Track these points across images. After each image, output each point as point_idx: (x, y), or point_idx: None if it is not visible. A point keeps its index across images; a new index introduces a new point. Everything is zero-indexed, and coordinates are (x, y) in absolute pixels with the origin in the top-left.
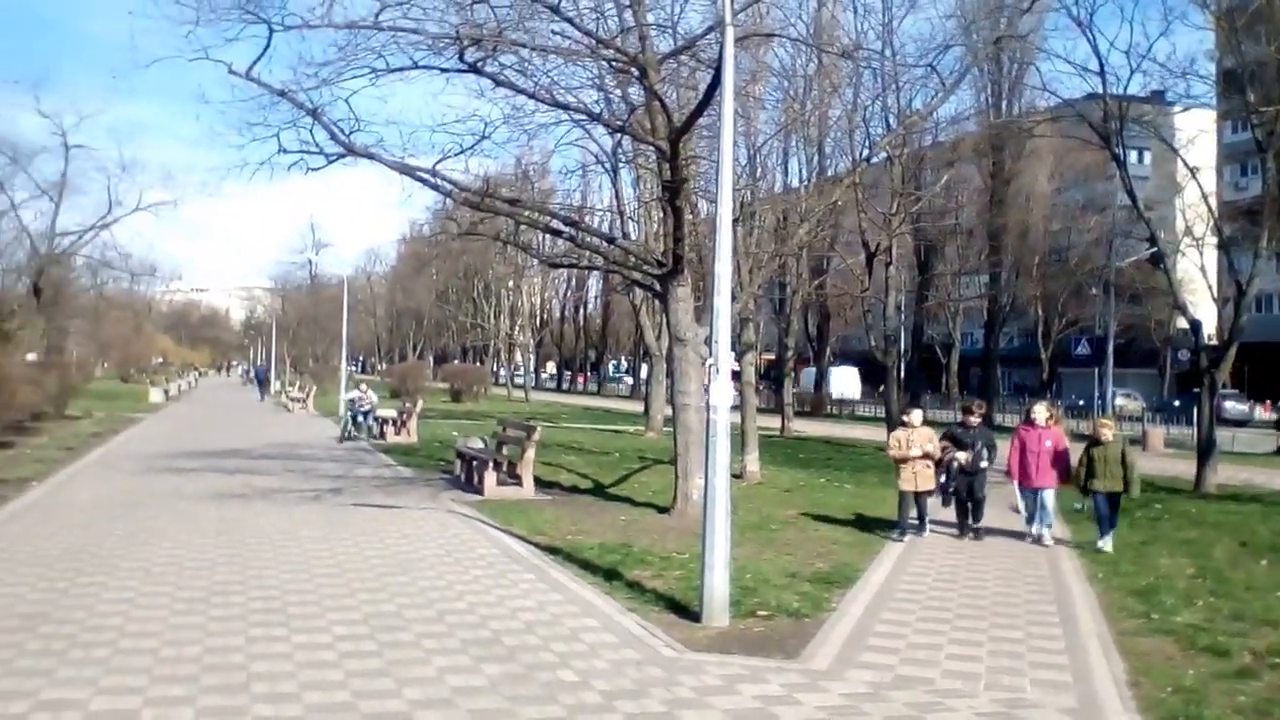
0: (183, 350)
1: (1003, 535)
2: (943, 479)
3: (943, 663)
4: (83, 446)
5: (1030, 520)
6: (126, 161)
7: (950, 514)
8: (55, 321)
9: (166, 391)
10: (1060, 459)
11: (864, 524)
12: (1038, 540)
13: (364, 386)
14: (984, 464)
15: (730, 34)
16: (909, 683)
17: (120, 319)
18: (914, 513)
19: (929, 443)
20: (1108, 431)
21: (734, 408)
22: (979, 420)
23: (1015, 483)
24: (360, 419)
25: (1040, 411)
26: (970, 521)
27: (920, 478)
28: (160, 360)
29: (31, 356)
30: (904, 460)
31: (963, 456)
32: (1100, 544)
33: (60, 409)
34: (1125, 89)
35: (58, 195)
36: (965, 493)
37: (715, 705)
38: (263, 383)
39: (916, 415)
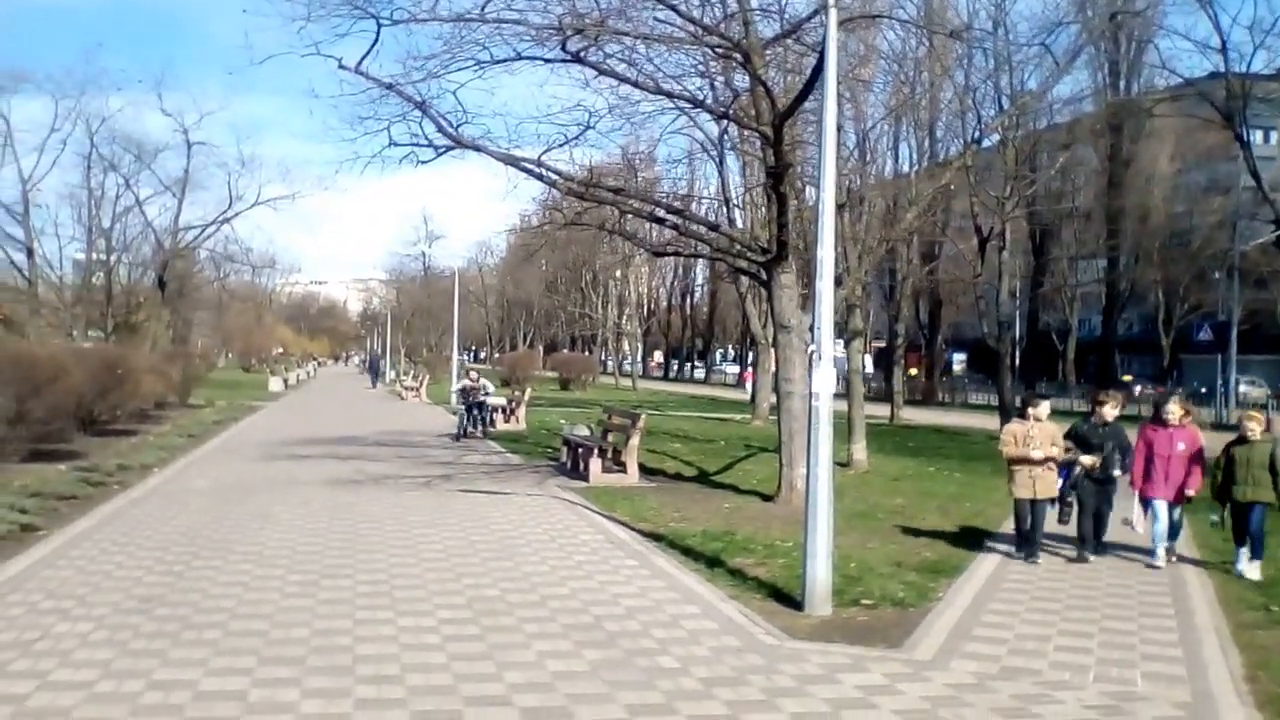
0: (302, 340)
1: (1118, 555)
2: (1060, 486)
3: (1051, 654)
4: (204, 434)
5: (1156, 539)
6: (245, 157)
7: (1062, 528)
8: (180, 313)
9: (286, 381)
10: (1195, 464)
11: (975, 515)
12: (1166, 560)
13: (475, 374)
14: (1117, 471)
15: (834, 17)
16: (1015, 674)
17: (242, 310)
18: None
19: (1052, 442)
20: (1256, 426)
21: (841, 395)
22: (1114, 414)
23: (1136, 493)
24: (475, 412)
25: (1173, 409)
26: (1091, 541)
27: (1040, 483)
28: (280, 350)
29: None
30: (1022, 461)
31: (1087, 460)
32: (1240, 566)
33: (184, 398)
34: (1249, 66)
35: (180, 191)
36: (1093, 507)
37: (815, 694)
38: (375, 372)
39: (1044, 407)
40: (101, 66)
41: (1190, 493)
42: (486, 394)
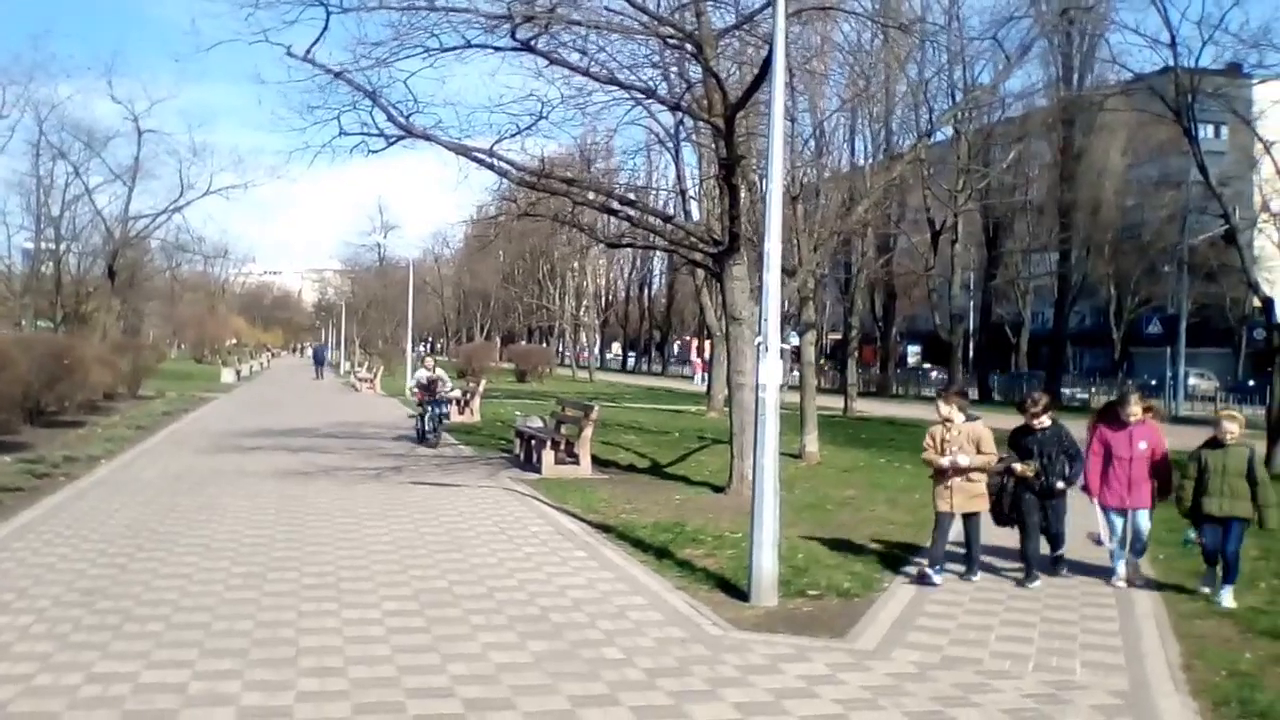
0: (256, 331)
1: (1079, 574)
2: (1005, 503)
3: (992, 644)
4: (153, 425)
5: (1115, 556)
6: (197, 145)
7: (1001, 534)
8: (131, 304)
9: (239, 372)
10: (1160, 467)
11: (923, 506)
12: (1127, 579)
13: (430, 362)
14: (1060, 484)
15: (782, 7)
16: (956, 663)
17: (194, 301)
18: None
19: (977, 446)
20: (1234, 428)
21: (793, 387)
22: (1047, 418)
23: (1095, 502)
24: (434, 410)
25: (1135, 409)
26: (1039, 564)
27: (959, 495)
28: (234, 341)
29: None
30: (941, 471)
31: (1018, 467)
32: (1219, 595)
33: (134, 389)
34: (1197, 61)
35: (131, 179)
36: (1037, 525)
37: (758, 684)
38: (321, 362)
39: (949, 407)
40: (50, 52)
41: (1156, 498)
42: (445, 387)
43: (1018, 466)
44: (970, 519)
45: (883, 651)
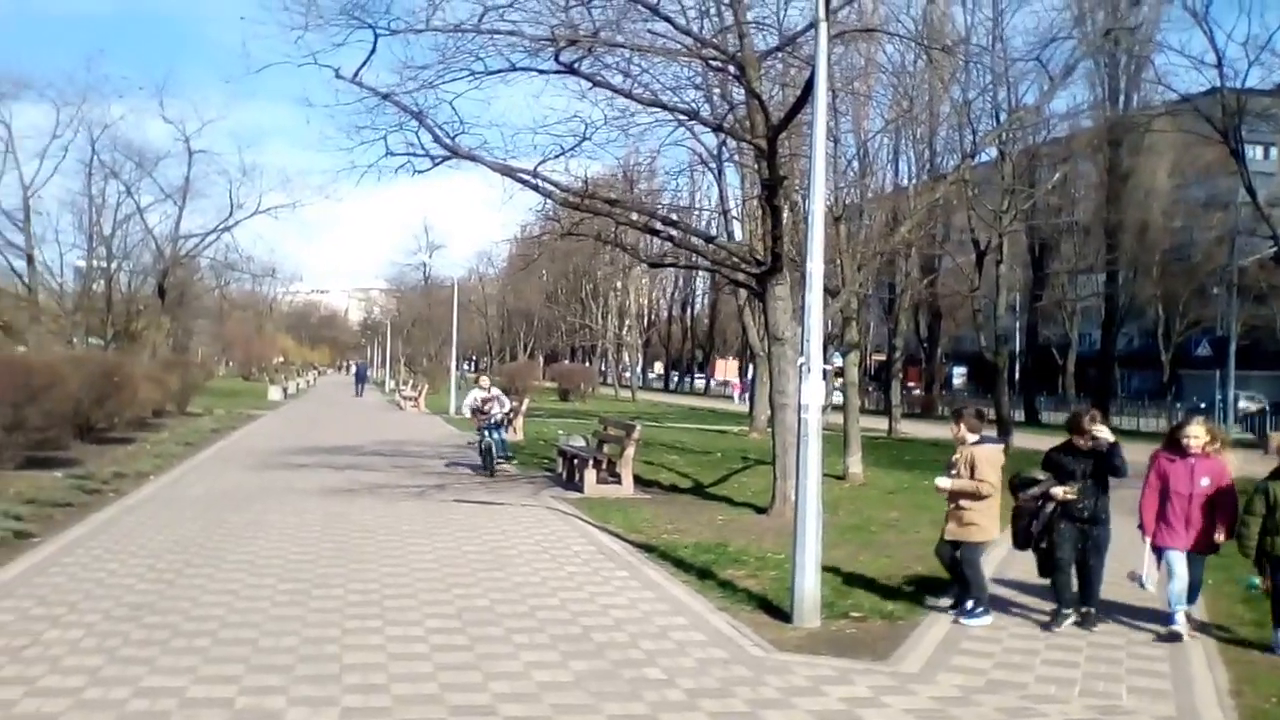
0: (302, 349)
1: (1120, 621)
2: (1035, 527)
3: (1037, 668)
4: (201, 442)
5: (1174, 601)
6: (246, 165)
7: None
8: (180, 321)
9: (285, 390)
10: (1225, 505)
11: None
12: (1170, 635)
13: (486, 381)
14: (1086, 506)
15: (824, 31)
16: (1001, 687)
17: (242, 319)
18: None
19: (969, 469)
20: None
21: (837, 408)
22: (1095, 437)
23: (1148, 540)
24: (493, 435)
25: (1196, 431)
26: (1079, 602)
27: (951, 521)
28: (281, 359)
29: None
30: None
31: (1059, 491)
32: None
33: (182, 406)
34: (1244, 82)
35: (181, 199)
36: (1071, 557)
37: (799, 706)
38: (362, 379)
39: (959, 428)
40: (103, 73)
41: (1219, 539)
42: (502, 408)
43: (1057, 490)
44: (962, 548)
45: (926, 675)
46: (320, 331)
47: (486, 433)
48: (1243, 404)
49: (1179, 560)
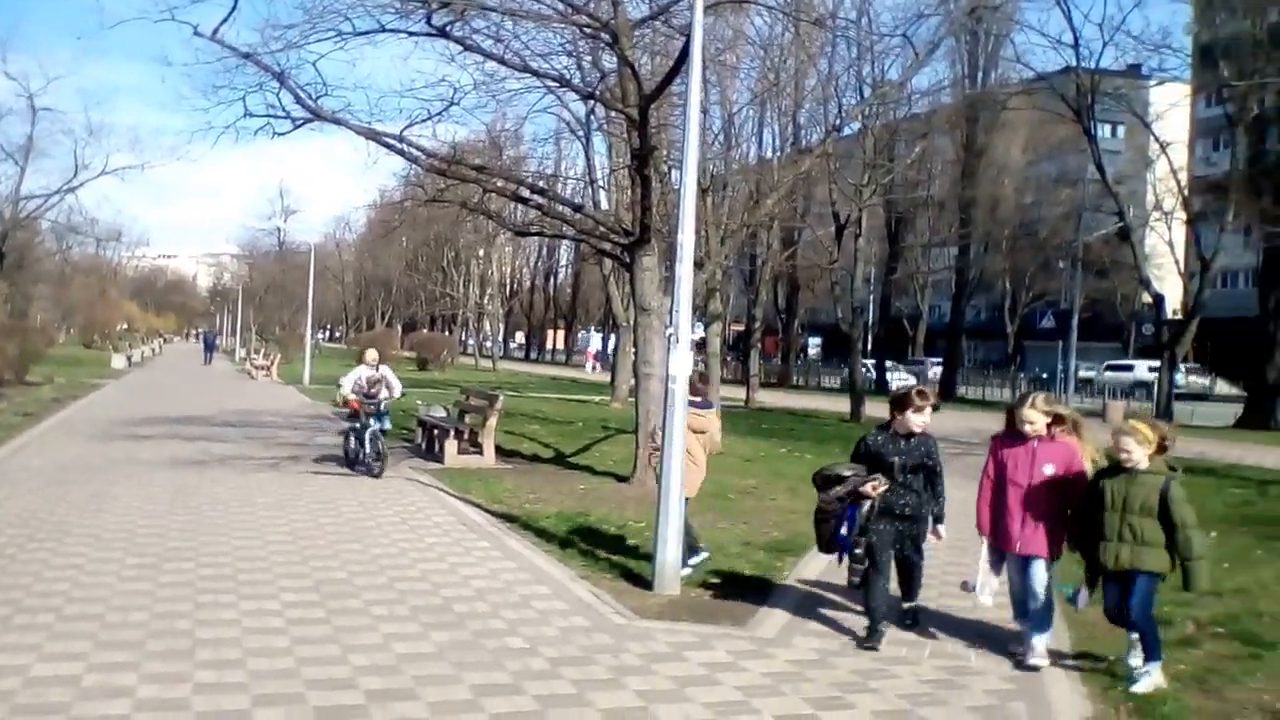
0: (148, 316)
1: (950, 636)
2: (843, 530)
3: (891, 632)
4: (42, 412)
5: (1021, 613)
6: (94, 125)
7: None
8: (19, 286)
9: (130, 358)
10: (1074, 497)
11: None
12: (1020, 660)
13: (374, 355)
14: (908, 503)
15: (700, 0)
16: (856, 650)
17: (85, 284)
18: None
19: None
20: (1136, 448)
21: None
22: (924, 421)
23: (985, 541)
24: (375, 424)
25: (1031, 415)
26: (902, 600)
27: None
28: (125, 326)
29: None
30: None
31: (870, 488)
32: (1135, 677)
33: (20, 375)
34: (1098, 63)
35: (23, 159)
36: (887, 558)
37: (661, 672)
38: (210, 347)
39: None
40: None
41: (1060, 549)
42: (393, 393)
43: (868, 487)
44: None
45: (784, 639)
46: (167, 298)
47: (371, 421)
48: (1084, 373)
49: (1020, 568)
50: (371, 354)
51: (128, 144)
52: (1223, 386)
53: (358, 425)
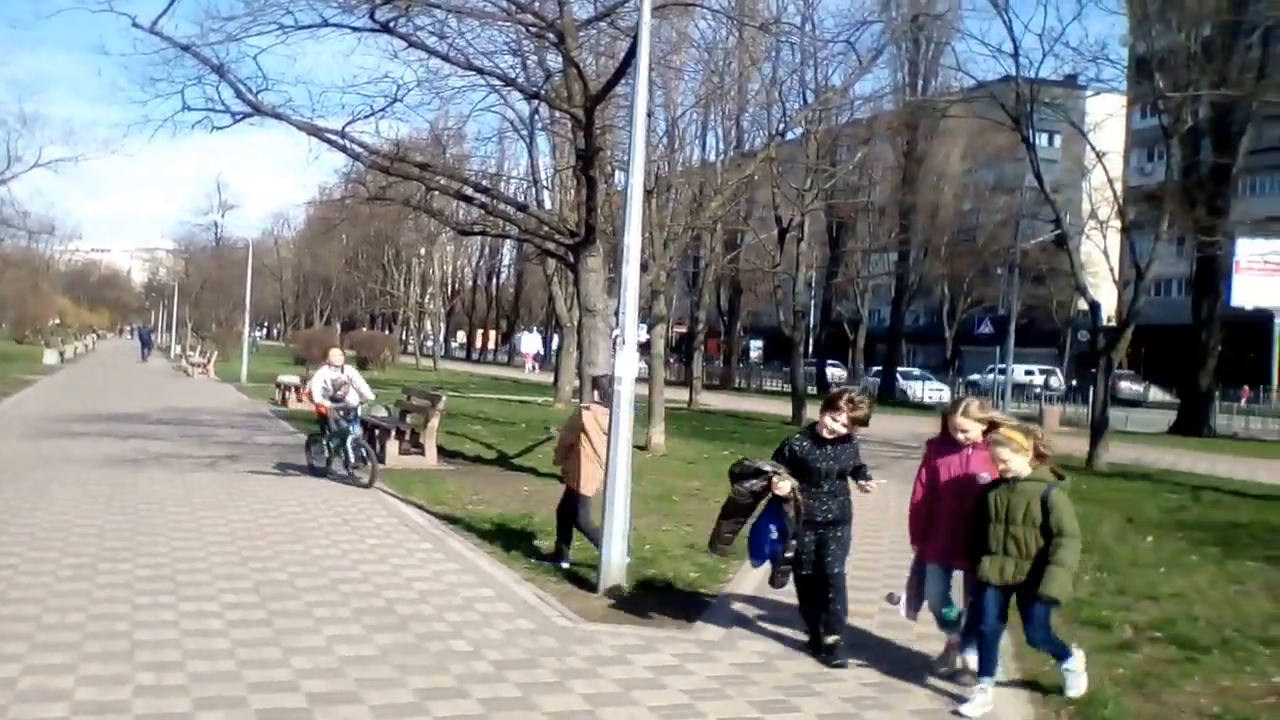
0: (81, 311)
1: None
2: (773, 534)
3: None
4: None
5: (948, 624)
6: (27, 116)
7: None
8: None
9: (62, 353)
10: None
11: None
12: (952, 673)
13: (338, 355)
14: (830, 509)
15: (648, 2)
16: (800, 654)
17: (16, 278)
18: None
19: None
20: (1011, 456)
21: (641, 379)
22: (846, 427)
23: (914, 554)
24: (353, 430)
25: (970, 414)
26: (823, 631)
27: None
28: (57, 321)
29: None
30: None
31: (784, 487)
32: (1065, 680)
33: None
34: (1038, 72)
35: None
36: (812, 567)
37: (606, 675)
38: (146, 344)
39: (599, 382)
40: None
41: None
42: (365, 396)
43: (784, 485)
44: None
45: (728, 642)
46: (101, 293)
47: (350, 427)
48: (1023, 377)
49: (943, 578)
50: (335, 354)
51: (61, 136)
52: (1157, 393)
53: (327, 432)
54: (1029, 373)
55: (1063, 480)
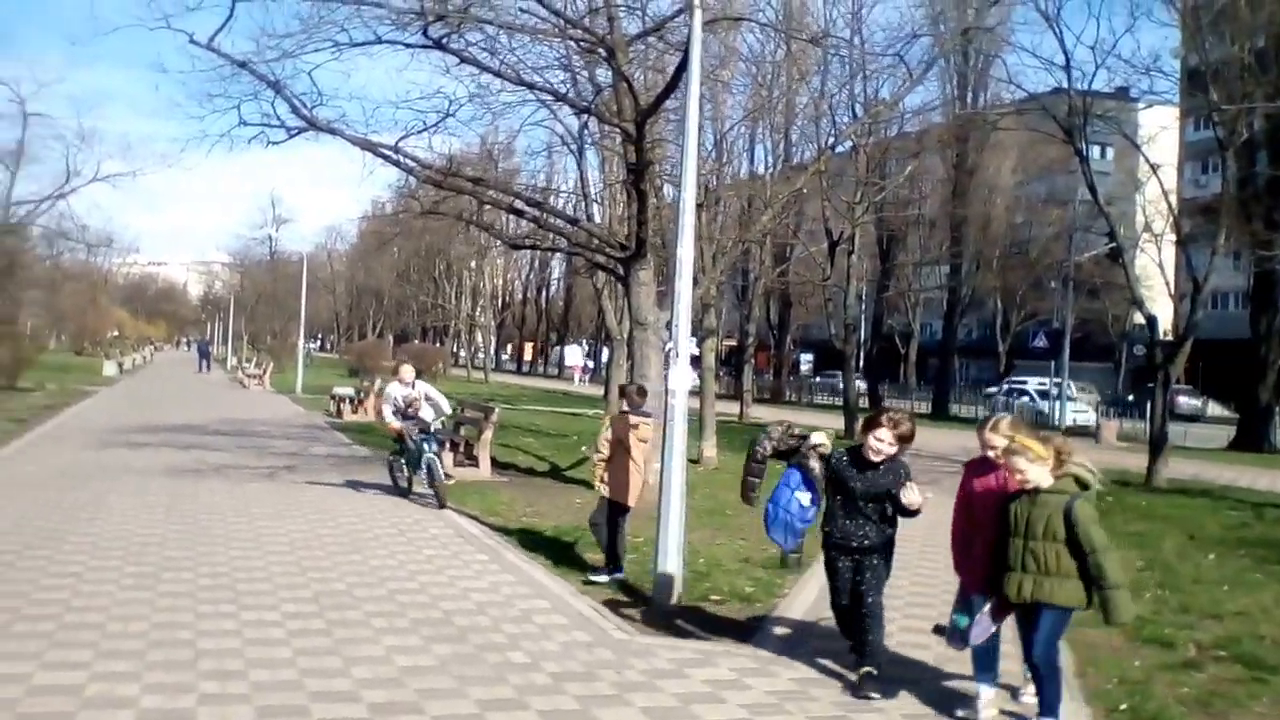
0: (139, 324)
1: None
2: (791, 537)
3: (893, 647)
4: (33, 419)
5: (983, 663)
6: (85, 131)
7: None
8: (9, 292)
9: (121, 365)
10: None
11: None
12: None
13: (409, 372)
14: (866, 534)
15: (699, 17)
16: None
17: (76, 291)
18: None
19: (601, 436)
20: (1023, 466)
21: (693, 392)
22: (893, 445)
23: (960, 579)
24: (424, 445)
25: (1000, 429)
26: (855, 662)
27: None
28: (115, 334)
29: None
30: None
31: (820, 439)
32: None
33: (12, 381)
34: (1090, 84)
35: (14, 164)
36: (847, 590)
37: (664, 689)
38: (205, 355)
39: (627, 392)
40: None
41: None
42: (440, 409)
43: (819, 438)
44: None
45: (786, 657)
46: (158, 305)
47: (425, 446)
48: (1075, 393)
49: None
50: (407, 371)
51: (119, 151)
52: (1215, 408)
53: (405, 452)
54: (1041, 385)
55: (1087, 491)
